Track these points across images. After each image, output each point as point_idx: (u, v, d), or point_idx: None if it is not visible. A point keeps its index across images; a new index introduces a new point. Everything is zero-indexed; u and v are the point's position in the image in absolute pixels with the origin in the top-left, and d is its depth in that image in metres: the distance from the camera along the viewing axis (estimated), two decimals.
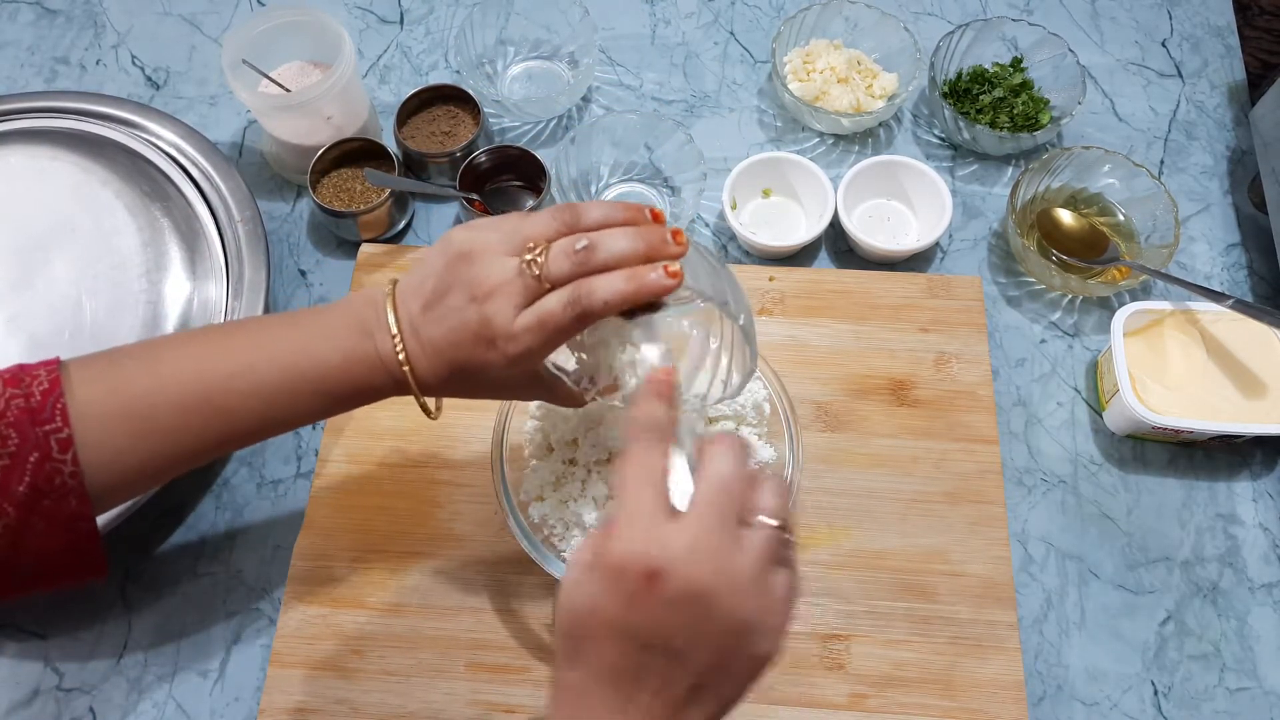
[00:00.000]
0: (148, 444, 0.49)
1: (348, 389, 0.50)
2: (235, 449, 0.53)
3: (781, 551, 0.40)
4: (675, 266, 0.47)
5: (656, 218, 0.49)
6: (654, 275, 0.47)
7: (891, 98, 0.87)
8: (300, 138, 0.83)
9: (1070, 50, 0.86)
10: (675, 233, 0.48)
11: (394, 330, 0.49)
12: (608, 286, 0.47)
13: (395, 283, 0.50)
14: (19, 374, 0.47)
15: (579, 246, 0.47)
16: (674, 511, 0.40)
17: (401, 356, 0.49)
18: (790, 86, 0.87)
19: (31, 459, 0.45)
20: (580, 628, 0.39)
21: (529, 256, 0.47)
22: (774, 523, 0.40)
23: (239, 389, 0.49)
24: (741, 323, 0.51)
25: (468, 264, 0.47)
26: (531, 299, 0.47)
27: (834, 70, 0.88)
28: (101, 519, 0.63)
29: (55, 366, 0.48)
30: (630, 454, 0.42)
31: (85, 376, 0.48)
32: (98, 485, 0.48)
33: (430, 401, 0.52)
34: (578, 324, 0.47)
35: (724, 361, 0.57)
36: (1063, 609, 0.70)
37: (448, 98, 0.88)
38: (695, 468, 0.42)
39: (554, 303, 0.47)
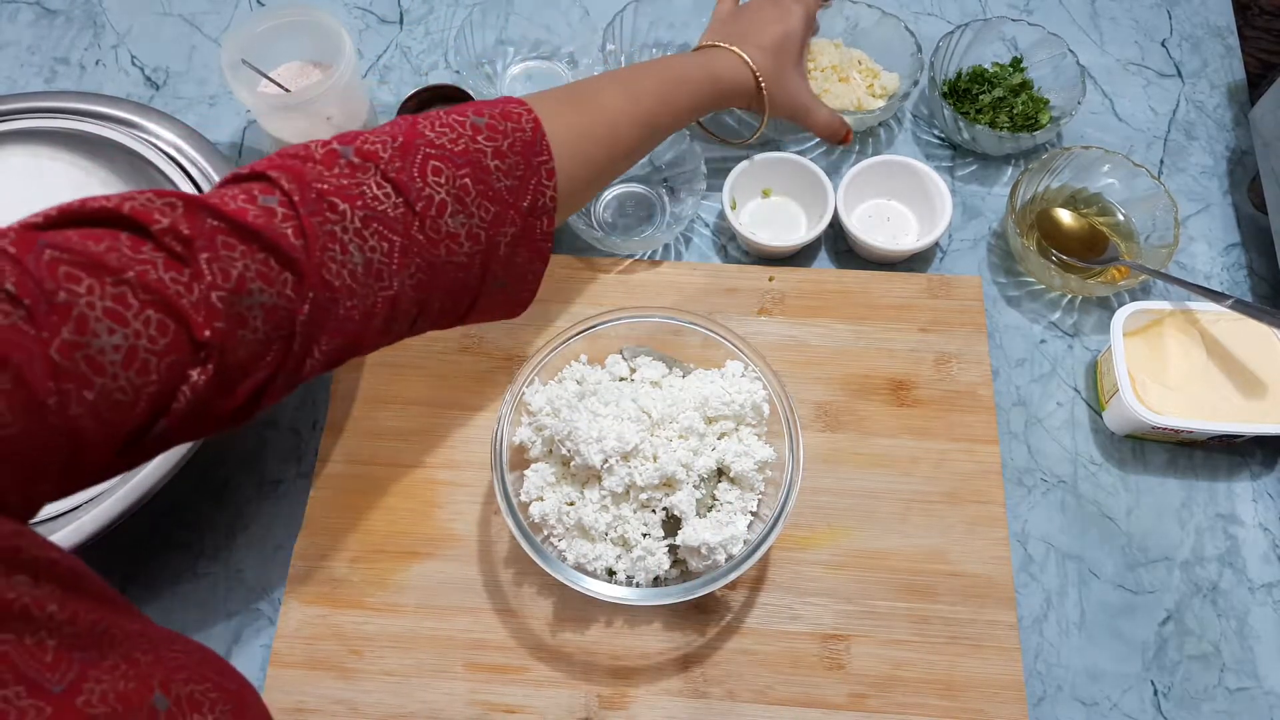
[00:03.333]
0: (594, 170, 0.60)
1: (728, 88, 0.72)
2: (643, 155, 0.69)
3: None
4: None
5: None
6: None
7: (892, 97, 0.87)
8: (300, 138, 0.83)
9: (1070, 50, 0.86)
10: None
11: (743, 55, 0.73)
12: None
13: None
14: (502, 111, 0.55)
15: None
16: None
17: (755, 68, 0.73)
18: None
19: (532, 182, 0.54)
20: None
21: None
22: None
23: (668, 107, 0.66)
24: None
25: None
26: None
27: (835, 69, 0.87)
28: (102, 518, 0.64)
29: (529, 107, 0.56)
30: None
31: (552, 116, 0.56)
32: (562, 193, 0.57)
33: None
34: None
35: None
36: (1062, 609, 0.70)
37: (447, 98, 0.88)
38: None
39: None
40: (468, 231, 0.52)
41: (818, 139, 0.89)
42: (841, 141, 0.81)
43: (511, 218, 0.54)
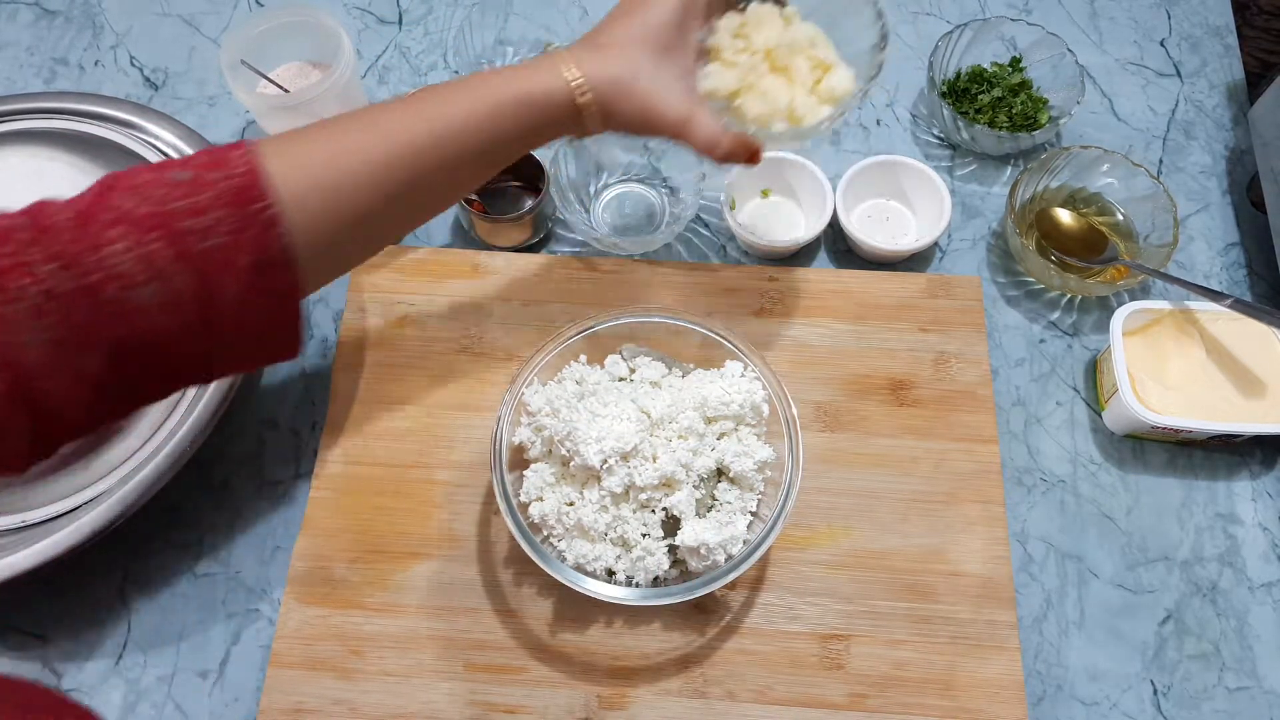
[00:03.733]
0: (349, 221, 0.52)
1: (547, 110, 0.55)
2: (426, 216, 0.59)
3: None
4: None
5: None
6: None
7: (840, 103, 0.60)
8: None
9: (1069, 50, 0.86)
10: None
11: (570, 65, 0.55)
12: None
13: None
14: (215, 158, 0.49)
15: None
16: None
17: (577, 74, 0.54)
18: (705, 71, 0.59)
19: (249, 235, 0.48)
20: None
21: None
22: None
23: (445, 143, 0.53)
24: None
25: None
26: None
27: (770, 55, 0.60)
28: (102, 518, 0.64)
29: (248, 150, 0.50)
30: None
31: (284, 158, 0.50)
32: (303, 259, 0.51)
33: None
34: None
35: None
36: (1062, 609, 0.70)
37: None
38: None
39: None
40: (162, 301, 0.47)
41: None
42: (746, 162, 0.60)
43: (228, 280, 0.48)
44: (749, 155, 0.59)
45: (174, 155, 0.80)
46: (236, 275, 0.48)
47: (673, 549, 0.65)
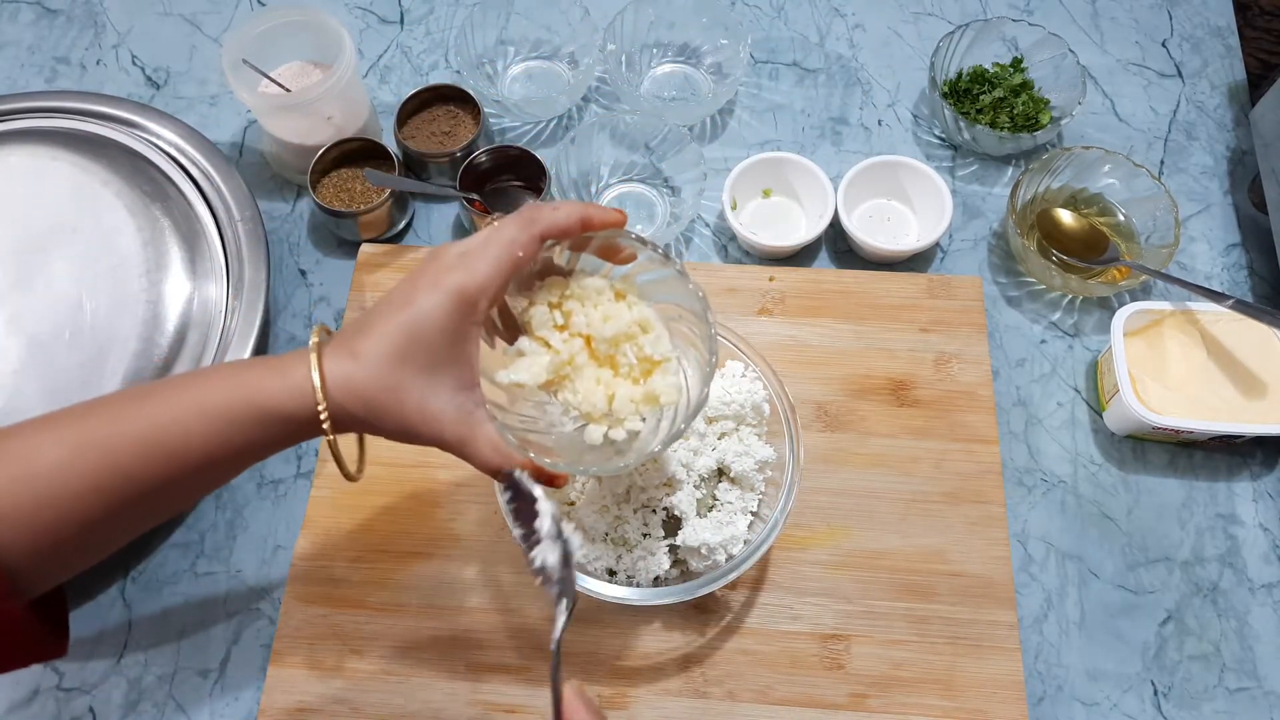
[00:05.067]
0: (58, 522, 0.45)
1: (284, 421, 0.47)
2: (169, 514, 0.51)
3: None
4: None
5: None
6: (604, 217, 0.50)
7: (664, 412, 0.52)
8: (300, 138, 0.83)
9: (1070, 50, 0.86)
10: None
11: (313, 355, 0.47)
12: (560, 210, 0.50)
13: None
14: None
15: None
16: None
17: (320, 391, 0.46)
18: (516, 347, 0.52)
19: None
20: None
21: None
22: None
23: (156, 465, 0.46)
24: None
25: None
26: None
27: (588, 345, 0.52)
28: None
29: None
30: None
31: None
32: (17, 564, 0.45)
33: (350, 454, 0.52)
34: (532, 242, 0.49)
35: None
36: (1063, 609, 0.70)
37: (448, 98, 0.88)
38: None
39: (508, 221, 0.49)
40: None
41: (819, 135, 0.89)
42: (547, 484, 0.52)
43: None
44: (545, 480, 0.52)
45: (176, 155, 0.80)
46: None
47: (673, 549, 0.65)
